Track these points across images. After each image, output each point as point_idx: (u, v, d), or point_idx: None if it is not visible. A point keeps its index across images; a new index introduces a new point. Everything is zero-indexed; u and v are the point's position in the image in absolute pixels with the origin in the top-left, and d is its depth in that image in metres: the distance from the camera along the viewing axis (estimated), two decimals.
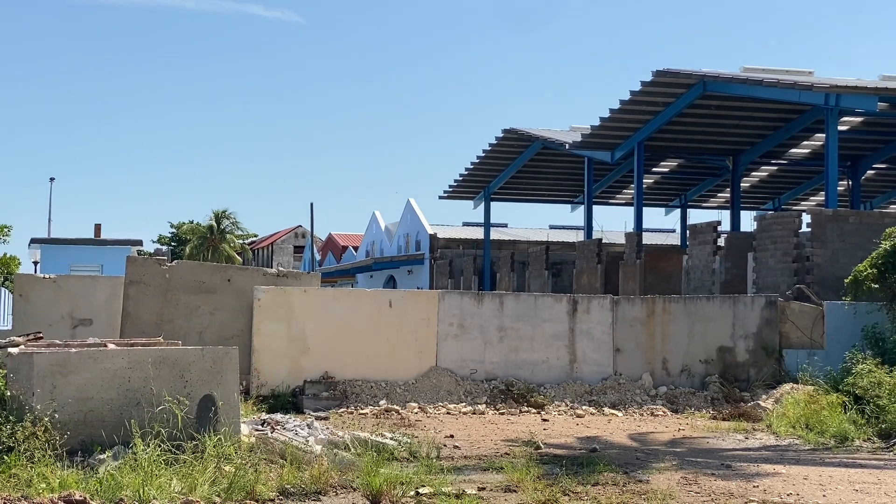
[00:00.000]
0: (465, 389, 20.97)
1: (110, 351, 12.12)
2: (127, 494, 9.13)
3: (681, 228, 53.95)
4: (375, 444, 13.17)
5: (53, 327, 20.67)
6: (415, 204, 70.96)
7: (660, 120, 38.46)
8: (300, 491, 10.55)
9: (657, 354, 22.48)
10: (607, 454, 14.14)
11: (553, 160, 49.84)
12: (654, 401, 21.28)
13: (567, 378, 21.87)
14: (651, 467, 13.17)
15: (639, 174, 41.16)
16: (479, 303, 21.99)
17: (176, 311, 20.46)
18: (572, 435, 16.69)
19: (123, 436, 11.10)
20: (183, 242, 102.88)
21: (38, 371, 11.39)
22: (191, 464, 10.44)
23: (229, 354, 12.49)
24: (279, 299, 20.73)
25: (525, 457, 13.51)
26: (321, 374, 20.44)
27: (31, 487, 9.38)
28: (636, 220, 40.93)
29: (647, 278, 37.35)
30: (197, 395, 11.96)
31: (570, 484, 11.37)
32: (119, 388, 11.69)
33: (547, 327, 22.07)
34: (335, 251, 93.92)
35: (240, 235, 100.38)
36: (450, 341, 21.56)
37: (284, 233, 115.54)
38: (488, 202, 56.30)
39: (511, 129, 47.96)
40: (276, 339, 20.54)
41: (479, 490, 10.95)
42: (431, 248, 64.91)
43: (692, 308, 23.03)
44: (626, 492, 11.16)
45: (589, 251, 42.64)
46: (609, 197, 56.05)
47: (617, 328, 22.40)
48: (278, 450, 12.01)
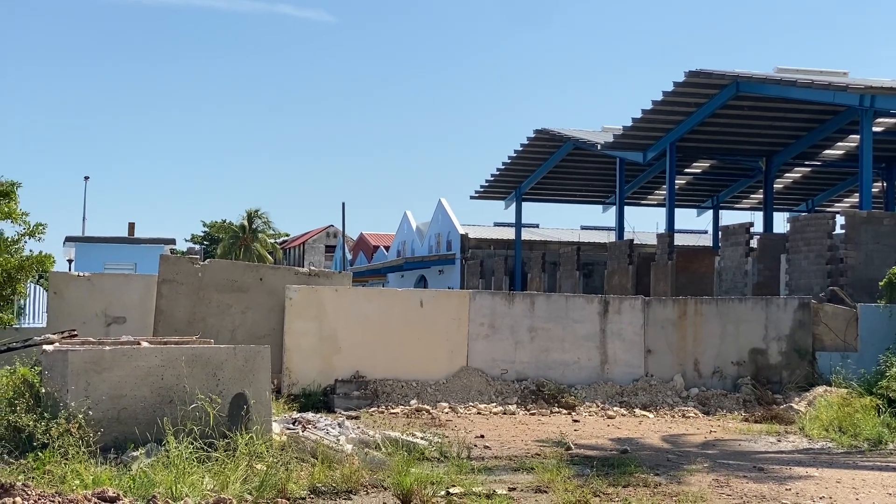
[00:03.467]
0: (496, 389, 20.96)
1: (144, 349, 12.20)
2: (159, 491, 9.18)
3: (713, 230, 53.70)
4: (406, 443, 13.18)
5: (87, 325, 20.81)
6: (446, 204, 71.00)
7: (692, 121, 38.34)
8: (331, 490, 10.57)
9: (689, 356, 22.40)
10: (638, 455, 14.09)
11: (585, 161, 49.78)
12: (686, 402, 21.19)
13: (598, 379, 21.82)
14: (683, 469, 13.11)
15: (671, 175, 41.05)
16: (509, 303, 21.97)
17: (208, 309, 20.56)
18: (603, 436, 16.65)
19: (156, 433, 11.16)
20: (215, 241, 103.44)
21: (73, 368, 11.48)
22: (223, 462, 10.49)
23: (261, 353, 12.54)
24: (311, 298, 20.79)
25: (556, 457, 13.49)
26: (352, 374, 20.48)
27: (65, 484, 9.44)
28: (668, 220, 40.80)
29: (679, 279, 37.23)
30: (229, 393, 12.02)
31: (600, 485, 11.34)
32: (152, 386, 11.76)
33: (578, 328, 22.03)
34: (366, 251, 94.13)
35: (272, 235, 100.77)
36: (480, 341, 21.55)
37: (316, 232, 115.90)
38: (520, 202, 56.27)
39: (543, 130, 47.94)
40: (307, 338, 20.59)
41: (509, 490, 10.93)
42: (462, 248, 64.90)
43: (724, 309, 22.93)
44: (657, 493, 11.12)
45: (620, 252, 42.54)
46: (641, 198, 55.92)
47: (648, 329, 22.33)
48: (309, 448, 12.04)
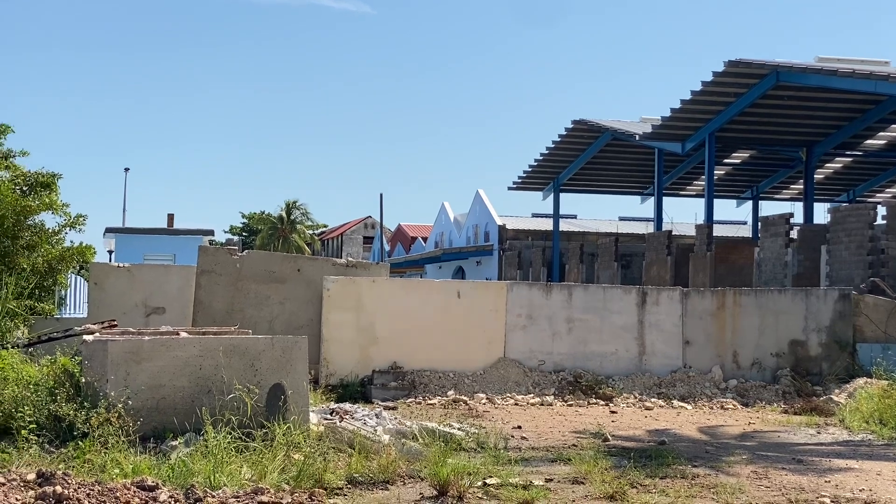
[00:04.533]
0: (533, 381, 20.94)
1: (182, 339, 12.27)
2: (198, 481, 9.22)
3: (752, 220, 53.37)
4: (443, 434, 13.19)
5: (127, 315, 20.96)
6: (484, 195, 70.94)
7: (732, 111, 38.07)
8: (368, 480, 10.59)
9: (727, 347, 22.28)
10: (676, 447, 14.02)
11: (623, 151, 49.60)
12: (724, 394, 21.09)
13: (636, 370, 21.75)
14: (721, 461, 13.04)
15: (710, 165, 40.78)
16: (547, 294, 21.93)
17: (246, 300, 20.65)
18: (641, 427, 16.59)
19: (195, 423, 11.22)
20: (254, 233, 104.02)
21: (112, 358, 11.56)
22: (260, 451, 10.54)
23: (298, 344, 12.58)
24: (348, 289, 20.83)
25: (593, 449, 13.45)
26: (389, 364, 20.52)
27: (105, 473, 9.51)
28: (707, 211, 40.54)
29: (718, 270, 37.03)
30: (267, 383, 12.07)
31: (638, 476, 11.30)
32: (191, 376, 11.83)
33: (616, 319, 21.96)
34: (404, 242, 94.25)
35: (310, 226, 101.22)
36: (518, 332, 21.53)
37: (354, 223, 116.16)
38: (557, 193, 56.13)
39: (581, 120, 47.80)
40: (344, 329, 20.64)
41: (546, 481, 10.92)
42: (500, 239, 64.85)
43: (763, 301, 22.78)
44: (694, 485, 11.06)
45: (659, 243, 42.36)
46: (679, 188, 55.62)
47: (686, 320, 22.22)
48: (346, 439, 12.07)
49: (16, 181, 22.27)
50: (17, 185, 22.18)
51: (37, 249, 22.05)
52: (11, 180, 22.12)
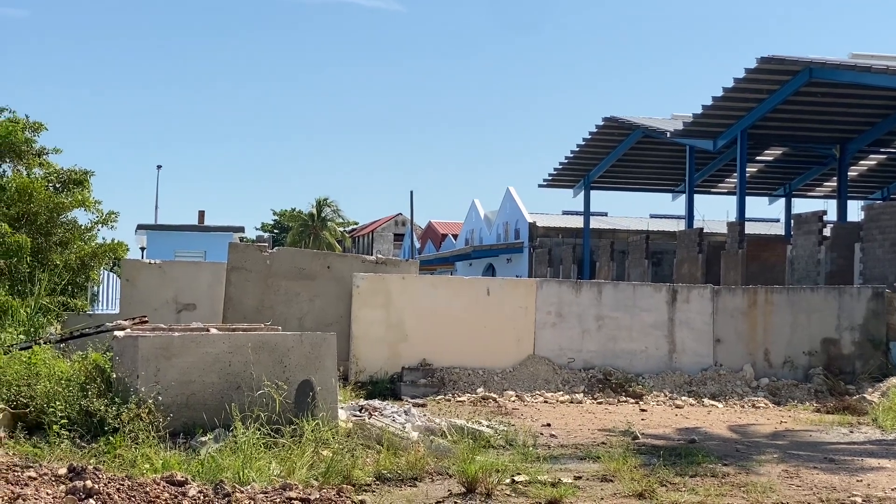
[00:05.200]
0: (563, 378, 20.90)
1: (212, 335, 12.32)
2: (227, 476, 9.26)
3: (785, 218, 53.06)
4: (472, 431, 13.19)
5: (159, 311, 21.10)
6: (514, 192, 70.84)
7: (764, 107, 37.84)
8: (396, 477, 10.60)
9: (759, 345, 22.16)
10: (706, 445, 13.97)
11: (654, 148, 49.41)
12: (756, 392, 20.97)
13: (666, 368, 21.67)
14: (751, 459, 12.97)
15: (742, 163, 40.56)
16: (577, 291, 21.88)
17: (276, 297, 20.71)
18: (671, 425, 16.53)
19: (224, 419, 11.26)
20: (285, 230, 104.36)
21: (143, 354, 11.62)
22: (289, 448, 10.57)
23: (327, 340, 12.60)
24: (378, 286, 20.85)
25: (622, 446, 13.40)
26: (419, 361, 20.53)
27: (135, 468, 9.56)
28: (739, 209, 40.31)
29: (750, 268, 36.81)
30: (295, 380, 12.09)
31: (667, 475, 11.25)
32: (220, 372, 11.87)
33: (646, 316, 21.89)
34: (434, 239, 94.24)
35: (340, 223, 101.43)
36: (547, 330, 21.49)
37: (384, 220, 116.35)
38: (588, 190, 55.98)
39: (611, 118, 47.65)
40: (374, 326, 20.67)
41: (575, 479, 10.89)
42: (530, 237, 64.75)
43: (796, 299, 22.64)
44: (725, 484, 11.00)
45: (690, 240, 42.16)
46: (711, 186, 55.36)
47: (717, 318, 22.12)
48: (375, 435, 12.08)
49: (49, 178, 22.46)
50: (50, 182, 22.37)
51: (70, 246, 22.23)
52: (45, 177, 22.31)
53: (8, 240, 19.15)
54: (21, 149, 21.80)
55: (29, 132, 22.28)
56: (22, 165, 22.16)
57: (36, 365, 12.32)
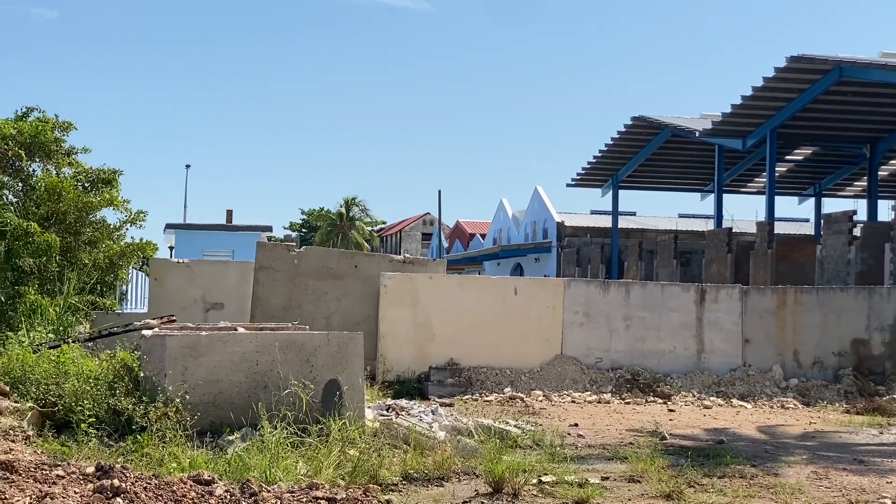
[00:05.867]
0: (591, 378, 20.84)
1: (239, 334, 12.34)
2: (254, 475, 9.27)
3: (815, 218, 52.72)
4: (499, 431, 13.16)
5: (187, 311, 21.17)
6: (542, 191, 70.70)
7: (793, 107, 37.63)
8: (423, 476, 10.57)
9: (788, 346, 22.04)
10: (735, 446, 13.88)
11: (682, 148, 49.22)
12: (785, 393, 20.86)
13: (694, 368, 21.58)
14: (780, 460, 12.89)
15: (771, 162, 40.34)
16: (604, 291, 21.81)
17: (304, 296, 20.74)
18: (699, 426, 16.44)
19: (251, 418, 11.28)
20: (313, 229, 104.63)
21: (170, 353, 11.66)
22: (316, 447, 10.57)
23: (354, 340, 12.60)
24: (405, 286, 20.86)
25: (650, 447, 13.34)
26: (446, 361, 20.52)
27: (163, 467, 9.58)
28: (768, 208, 40.10)
29: (779, 268, 36.62)
30: (322, 379, 12.10)
31: (695, 475, 11.19)
32: (247, 371, 11.89)
33: (674, 317, 21.81)
34: (462, 238, 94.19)
35: (368, 222, 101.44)
36: (575, 329, 21.44)
37: (412, 220, 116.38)
38: (616, 190, 55.84)
39: (640, 117, 47.52)
40: (401, 326, 20.67)
41: (602, 479, 10.84)
42: (559, 236, 64.60)
43: (825, 299, 22.50)
44: (753, 485, 10.93)
45: (719, 240, 41.97)
46: (740, 185, 55.09)
47: (746, 318, 22.01)
48: (402, 435, 12.07)
49: (78, 178, 22.56)
50: (79, 181, 22.47)
51: (98, 245, 22.31)
52: (74, 177, 22.40)
53: (37, 239, 19.25)
54: (50, 148, 21.90)
55: (58, 132, 22.38)
56: (51, 165, 22.26)
57: (64, 364, 12.39)
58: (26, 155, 21.28)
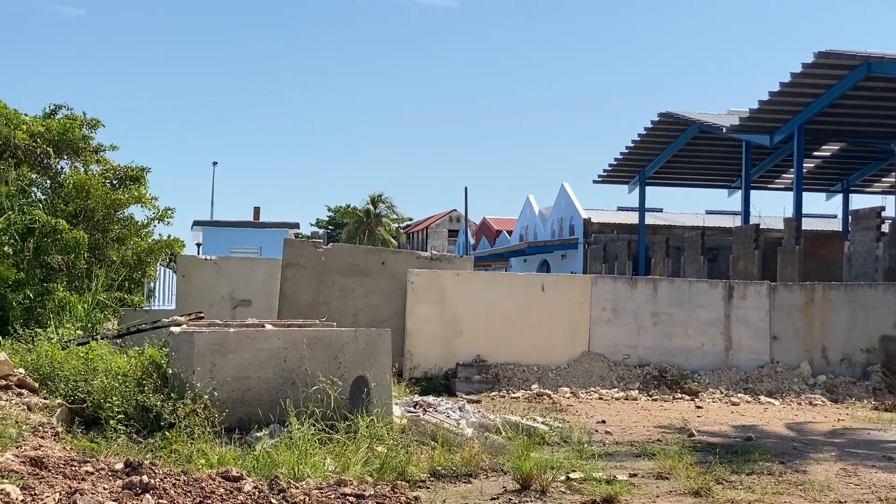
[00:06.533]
0: (618, 375, 20.80)
1: (267, 331, 12.37)
2: (282, 472, 9.29)
3: (842, 214, 52.40)
4: (526, 428, 13.15)
5: (214, 307, 21.23)
6: (569, 188, 70.47)
7: (821, 102, 37.38)
8: (451, 473, 10.58)
9: (816, 342, 21.93)
10: (763, 443, 13.83)
11: (710, 144, 49.00)
12: (813, 390, 20.76)
13: (722, 365, 21.50)
14: (809, 458, 12.82)
15: (798, 158, 40.09)
16: (632, 288, 21.76)
17: (331, 292, 20.77)
18: (727, 423, 16.38)
19: (279, 414, 11.31)
20: (340, 226, 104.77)
21: (198, 350, 11.70)
22: (344, 443, 10.58)
23: (382, 336, 12.61)
24: (432, 282, 20.86)
25: (678, 444, 13.31)
26: (473, 358, 20.51)
27: (191, 463, 9.61)
28: (795, 205, 39.85)
29: (807, 265, 36.40)
30: (350, 375, 12.11)
31: (723, 472, 11.15)
32: (275, 368, 11.92)
33: (702, 313, 21.73)
34: (489, 235, 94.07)
35: (395, 219, 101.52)
36: (602, 326, 21.40)
37: (439, 217, 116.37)
38: (643, 186, 55.63)
39: (667, 113, 47.33)
40: (428, 322, 20.68)
41: (630, 476, 10.82)
42: (585, 233, 64.39)
43: (854, 295, 22.38)
44: (782, 482, 10.88)
45: (746, 237, 41.75)
46: (767, 181, 54.79)
47: (774, 315, 21.91)
48: (430, 432, 12.07)
49: (106, 175, 22.68)
50: (107, 178, 22.59)
51: (126, 242, 22.43)
52: (102, 174, 22.52)
53: (66, 236, 19.36)
54: (78, 146, 22.01)
55: (86, 129, 22.50)
56: (79, 162, 22.39)
57: (93, 360, 12.46)
58: (54, 152, 21.41)
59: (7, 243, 18.41)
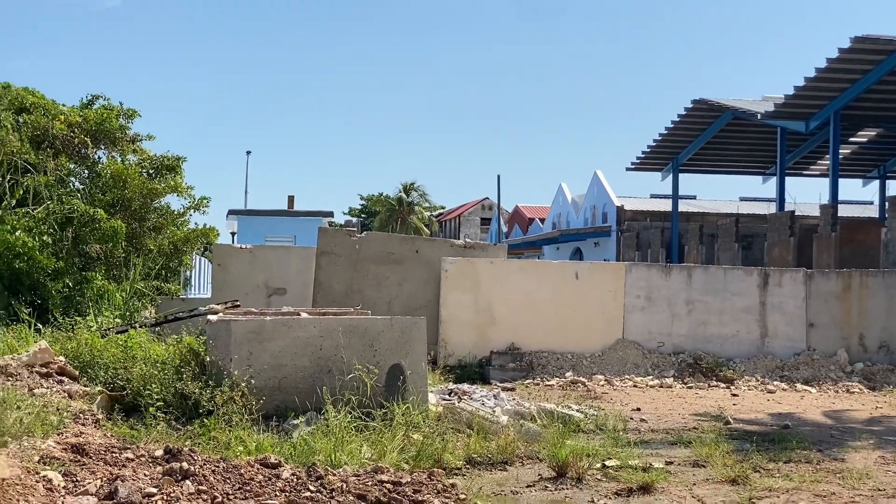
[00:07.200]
0: (652, 362, 20.76)
1: (303, 319, 12.43)
2: (319, 459, 9.34)
3: (879, 200, 51.93)
4: (561, 415, 13.16)
5: (250, 296, 21.33)
6: (602, 176, 70.27)
7: (858, 88, 37.05)
8: (486, 460, 10.61)
9: (853, 330, 21.80)
10: (800, 431, 13.76)
11: (744, 131, 48.68)
12: (850, 377, 20.64)
13: (757, 352, 21.42)
14: (846, 445, 12.76)
15: (834, 144, 39.76)
16: (666, 275, 21.70)
17: (365, 281, 20.82)
18: (763, 411, 16.32)
19: (315, 402, 11.36)
20: (372, 214, 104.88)
21: (236, 338, 11.78)
22: (380, 431, 10.63)
23: (417, 324, 12.64)
24: (466, 270, 20.87)
25: (714, 432, 13.28)
26: (507, 345, 20.52)
27: (230, 450, 9.69)
28: (831, 191, 39.53)
29: (843, 252, 36.13)
30: (385, 363, 12.15)
31: (760, 460, 11.12)
32: (311, 356, 11.98)
33: (737, 301, 21.65)
34: (521, 223, 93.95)
35: (427, 207, 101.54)
36: (636, 314, 21.36)
37: (471, 205, 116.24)
38: (676, 174, 55.34)
39: (700, 100, 47.05)
40: (462, 310, 20.70)
41: (666, 464, 10.81)
42: (618, 221, 64.19)
43: (891, 282, 22.22)
44: (819, 470, 10.84)
45: (781, 223, 41.48)
46: (802, 168, 54.38)
47: (810, 302, 21.79)
48: (465, 419, 12.10)
49: (142, 164, 22.83)
50: (143, 168, 22.74)
51: (163, 231, 22.58)
52: (138, 164, 22.68)
53: (104, 225, 19.52)
54: (115, 135, 22.18)
55: (123, 119, 22.66)
56: (116, 152, 22.56)
57: (132, 348, 12.58)
58: (92, 142, 21.57)
59: (46, 233, 18.59)
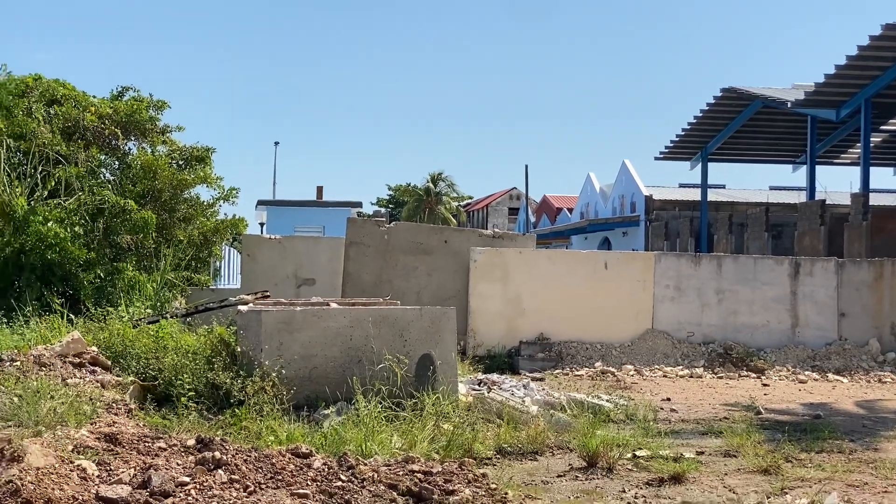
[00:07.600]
0: (682, 352, 20.70)
1: (333, 310, 12.46)
2: (350, 449, 9.36)
3: None
4: (591, 405, 13.13)
5: (279, 286, 21.39)
6: (630, 165, 70.05)
7: (889, 75, 36.74)
8: (517, 450, 10.60)
9: (885, 319, 21.66)
10: (832, 421, 13.69)
11: (774, 119, 48.38)
12: (882, 367, 20.51)
13: (788, 342, 21.31)
14: (880, 436, 12.68)
15: (866, 132, 39.45)
16: (695, 265, 21.62)
17: (394, 271, 20.85)
18: (794, 401, 16.24)
19: (346, 392, 11.38)
20: (400, 205, 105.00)
21: (266, 328, 11.81)
22: (410, 421, 10.63)
23: (447, 314, 12.65)
24: (495, 260, 20.86)
25: (745, 422, 13.23)
26: (536, 335, 20.51)
27: (261, 440, 9.72)
28: (863, 180, 39.26)
29: (874, 241, 35.88)
30: (415, 353, 12.16)
31: (792, 450, 11.06)
32: (341, 346, 12.00)
33: (767, 290, 21.55)
34: (549, 213, 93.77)
35: (455, 197, 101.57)
36: (666, 304, 21.29)
37: (499, 195, 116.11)
38: (705, 163, 55.08)
39: (730, 88, 46.80)
40: (491, 300, 20.69)
41: (697, 454, 10.77)
42: (647, 210, 63.98)
43: None
44: (853, 460, 10.77)
45: (811, 212, 41.25)
46: (833, 156, 54.02)
47: (842, 292, 21.66)
48: (495, 409, 12.09)
49: (172, 155, 22.95)
50: (173, 159, 22.87)
51: (192, 222, 22.70)
52: (168, 155, 22.80)
53: (134, 216, 19.63)
54: (145, 127, 22.31)
55: (153, 110, 22.78)
56: (146, 143, 22.69)
57: (163, 338, 12.65)
58: (122, 133, 21.70)
59: (78, 224, 18.71)
